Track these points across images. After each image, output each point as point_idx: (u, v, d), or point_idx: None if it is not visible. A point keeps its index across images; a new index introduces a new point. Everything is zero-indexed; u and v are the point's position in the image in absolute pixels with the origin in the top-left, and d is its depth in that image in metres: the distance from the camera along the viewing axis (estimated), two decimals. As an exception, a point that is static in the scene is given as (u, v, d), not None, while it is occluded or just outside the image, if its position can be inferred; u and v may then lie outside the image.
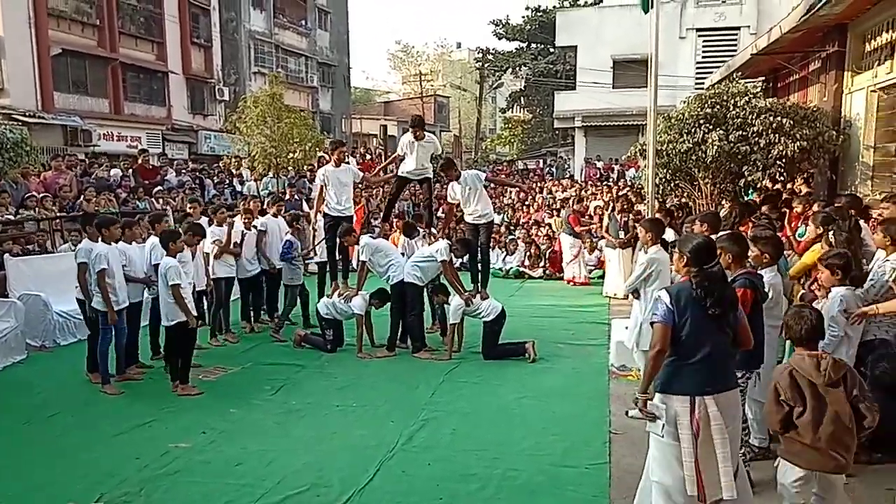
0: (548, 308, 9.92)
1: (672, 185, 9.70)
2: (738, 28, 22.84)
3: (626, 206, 11.10)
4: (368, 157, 22.34)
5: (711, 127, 8.57)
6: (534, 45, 35.67)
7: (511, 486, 4.20)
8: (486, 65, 40.48)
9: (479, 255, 7.68)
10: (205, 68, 26.28)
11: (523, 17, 35.33)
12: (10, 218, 9.22)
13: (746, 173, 8.55)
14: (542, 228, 14.43)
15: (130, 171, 13.53)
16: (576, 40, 25.88)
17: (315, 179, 9.24)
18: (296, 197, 13.13)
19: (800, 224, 6.67)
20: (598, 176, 22.27)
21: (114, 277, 6.19)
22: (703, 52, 23.16)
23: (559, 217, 14.27)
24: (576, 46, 26.08)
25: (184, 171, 15.23)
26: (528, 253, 13.40)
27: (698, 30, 23.32)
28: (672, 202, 10.51)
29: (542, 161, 32.94)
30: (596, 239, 12.39)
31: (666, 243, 5.98)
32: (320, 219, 8.26)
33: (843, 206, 5.84)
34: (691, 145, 8.62)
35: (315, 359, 7.25)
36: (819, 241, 5.27)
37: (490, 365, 6.97)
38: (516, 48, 37.18)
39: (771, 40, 9.49)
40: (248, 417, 5.49)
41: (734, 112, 8.55)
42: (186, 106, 25.39)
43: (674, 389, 3.17)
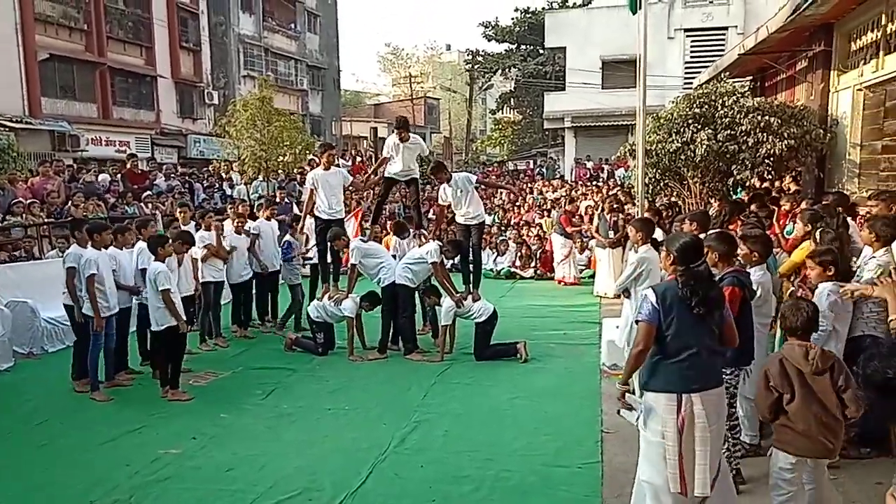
0: (539, 308, 9.94)
1: (661, 184, 9.74)
2: (726, 28, 23.00)
3: (616, 206, 11.13)
4: (359, 159, 22.32)
5: (700, 126, 8.61)
6: (523, 47, 35.78)
7: (504, 487, 4.20)
8: (476, 66, 40.59)
9: (470, 257, 7.68)
10: (194, 72, 26.17)
11: (512, 18, 35.48)
12: (-2, 224, 9.14)
13: (735, 172, 8.60)
14: (533, 229, 14.46)
15: (119, 175, 13.46)
16: (565, 41, 25.97)
17: (305, 183, 9.23)
18: (286, 200, 13.10)
19: (787, 222, 6.71)
20: (589, 176, 22.36)
21: (104, 283, 6.14)
22: (692, 52, 23.30)
23: (550, 217, 14.31)
24: (565, 47, 26.18)
25: (173, 175, 15.16)
26: (519, 253, 13.41)
27: (686, 30, 23.47)
28: (662, 201, 10.55)
29: (532, 162, 33.05)
30: (586, 239, 12.42)
31: (656, 242, 6.00)
32: (311, 222, 8.23)
33: (830, 203, 5.88)
34: (680, 145, 8.66)
35: (306, 362, 7.23)
36: (808, 239, 5.31)
37: (482, 366, 6.97)
38: (506, 50, 37.28)
39: (758, 40, 9.55)
40: (239, 422, 5.47)
41: (722, 111, 8.59)
42: (175, 110, 25.26)
43: (660, 387, 3.19)
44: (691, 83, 14.90)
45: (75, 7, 20.70)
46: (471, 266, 7.67)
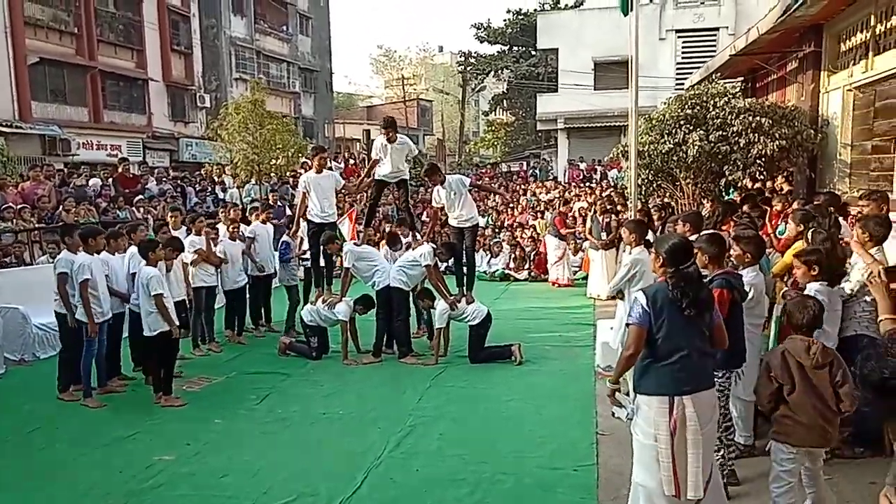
0: (533, 310, 9.94)
1: (654, 185, 9.77)
2: (717, 29, 23.13)
3: (609, 208, 11.15)
4: (352, 161, 22.29)
5: (692, 127, 8.64)
6: (515, 48, 35.87)
7: (499, 490, 4.19)
8: (469, 68, 40.63)
9: (464, 259, 7.67)
10: (185, 75, 26.07)
11: (504, 20, 35.60)
12: (-13, 230, 9.08)
13: (727, 173, 8.63)
14: (527, 231, 14.47)
15: (111, 180, 13.39)
16: (557, 43, 26.04)
17: (297, 186, 9.22)
18: (279, 203, 13.06)
19: (779, 222, 6.74)
20: (582, 177, 22.39)
21: (97, 288, 6.10)
22: (683, 53, 23.41)
23: (543, 219, 14.33)
24: (557, 49, 26.25)
25: (165, 179, 15.11)
26: (513, 255, 13.42)
27: (678, 31, 23.58)
28: (654, 202, 10.58)
29: (525, 163, 33.06)
30: (580, 240, 12.44)
31: (650, 244, 6.01)
32: (303, 225, 8.21)
33: (822, 203, 5.91)
34: (672, 146, 8.69)
35: (300, 366, 7.20)
36: (800, 239, 5.32)
37: (477, 368, 6.96)
38: (498, 51, 37.36)
39: (749, 41, 9.60)
40: (233, 427, 5.43)
41: (714, 112, 8.62)
42: (167, 113, 25.16)
43: (652, 389, 3.19)
44: (683, 84, 14.95)
45: (65, 10, 20.58)
46: (464, 269, 7.66)
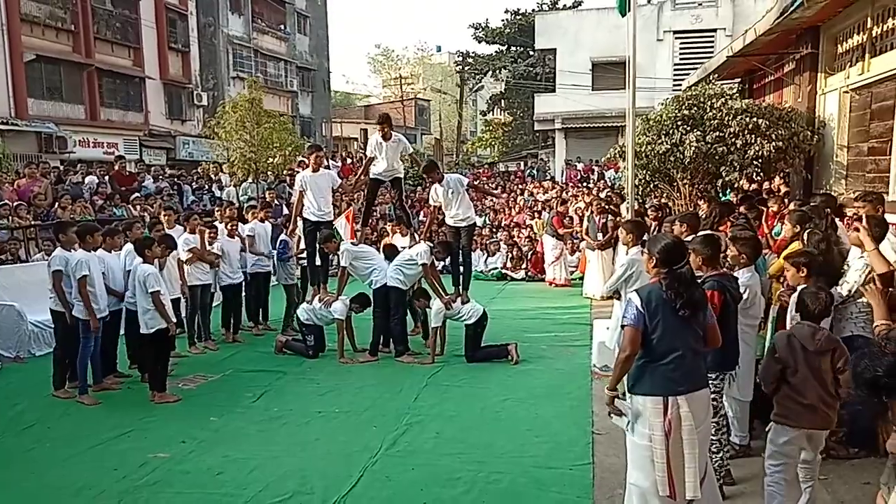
0: (530, 310, 9.95)
1: (651, 186, 9.78)
2: (715, 30, 23.14)
3: (606, 208, 11.16)
4: (349, 160, 22.25)
5: (689, 128, 8.65)
6: (513, 49, 35.86)
7: (495, 490, 4.19)
8: (467, 68, 40.62)
9: (459, 259, 7.67)
10: (182, 73, 26.03)
11: (502, 20, 35.55)
12: (-17, 227, 9.04)
13: (724, 174, 8.64)
14: (524, 230, 14.47)
15: (107, 177, 13.35)
16: (555, 43, 26.04)
17: (294, 184, 9.21)
18: (276, 202, 13.03)
19: (775, 223, 6.75)
20: (579, 178, 22.39)
21: (94, 285, 6.08)
22: (681, 54, 23.43)
23: (540, 219, 14.33)
24: (555, 49, 26.24)
25: (161, 177, 15.06)
26: (510, 255, 13.43)
27: (675, 32, 23.59)
28: (651, 203, 10.60)
29: (522, 163, 33.05)
30: (577, 240, 12.46)
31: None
32: (300, 224, 8.20)
33: (818, 204, 5.90)
34: (669, 146, 8.70)
35: (297, 365, 7.19)
36: (796, 240, 5.33)
37: (473, 368, 6.96)
38: (496, 51, 37.35)
39: (746, 42, 9.62)
40: (230, 425, 5.42)
41: (711, 113, 8.64)
42: (164, 111, 25.12)
43: (646, 390, 3.18)
44: (680, 85, 14.97)
45: (62, 8, 20.54)
46: (460, 268, 7.66)
